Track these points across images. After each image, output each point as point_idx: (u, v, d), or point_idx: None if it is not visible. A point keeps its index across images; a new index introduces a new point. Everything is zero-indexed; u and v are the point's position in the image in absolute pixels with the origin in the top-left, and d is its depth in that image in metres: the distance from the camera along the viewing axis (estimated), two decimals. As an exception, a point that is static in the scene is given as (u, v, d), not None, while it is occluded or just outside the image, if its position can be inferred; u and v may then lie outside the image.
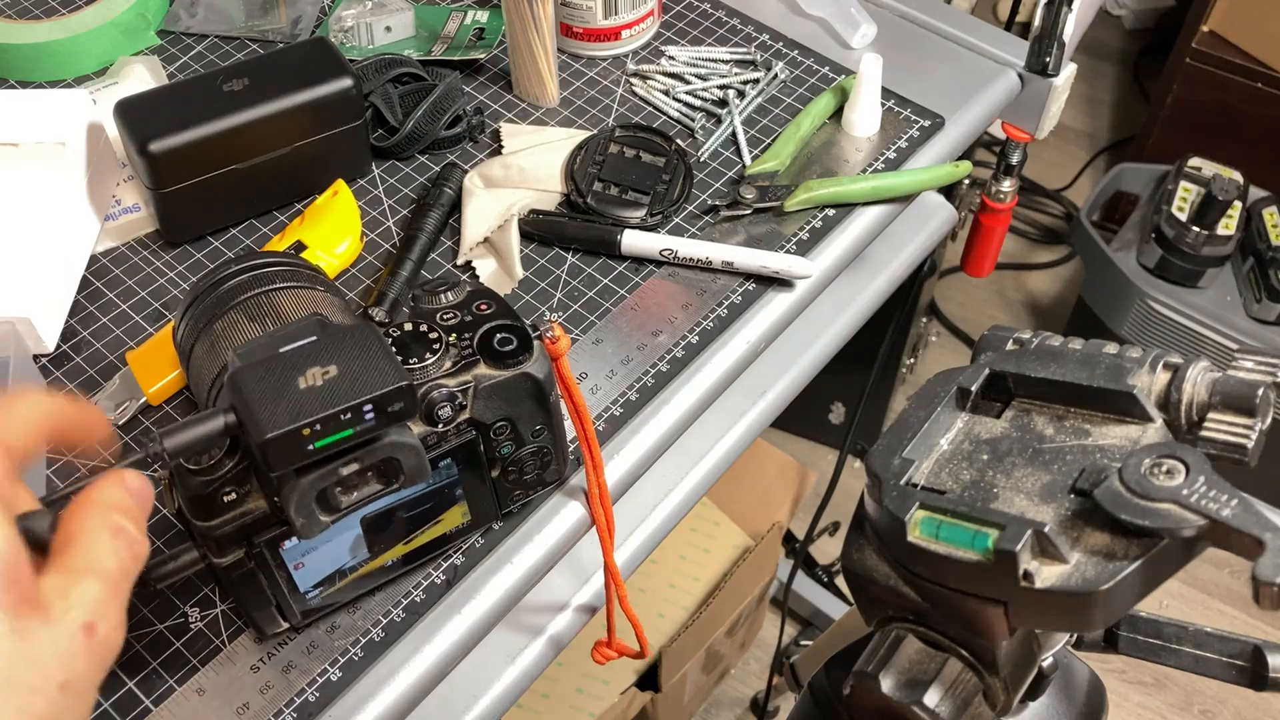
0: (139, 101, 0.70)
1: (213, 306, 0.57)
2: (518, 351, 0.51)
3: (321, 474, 0.44)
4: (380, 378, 0.44)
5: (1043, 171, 2.12)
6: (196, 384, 0.57)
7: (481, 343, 0.51)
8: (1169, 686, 1.55)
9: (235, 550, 0.48)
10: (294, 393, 0.43)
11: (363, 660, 0.55)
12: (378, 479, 0.47)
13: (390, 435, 0.45)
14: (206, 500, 0.46)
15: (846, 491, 1.28)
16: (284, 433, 0.42)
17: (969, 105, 0.81)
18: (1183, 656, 0.50)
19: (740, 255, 0.70)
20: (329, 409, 0.43)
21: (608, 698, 1.21)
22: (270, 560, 0.49)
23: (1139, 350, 0.42)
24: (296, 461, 0.43)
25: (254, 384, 0.43)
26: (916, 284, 1.38)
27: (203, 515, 0.46)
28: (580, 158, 0.75)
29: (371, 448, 0.45)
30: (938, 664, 0.42)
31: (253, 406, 0.42)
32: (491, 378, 0.50)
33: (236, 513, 0.47)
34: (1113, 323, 1.62)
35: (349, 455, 0.45)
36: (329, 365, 0.44)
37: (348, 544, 0.52)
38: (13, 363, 0.61)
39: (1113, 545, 0.37)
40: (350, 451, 0.45)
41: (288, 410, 0.42)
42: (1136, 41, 2.35)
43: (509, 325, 0.52)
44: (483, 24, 0.85)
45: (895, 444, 0.43)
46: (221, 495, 0.46)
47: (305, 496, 0.44)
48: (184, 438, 0.43)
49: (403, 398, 0.44)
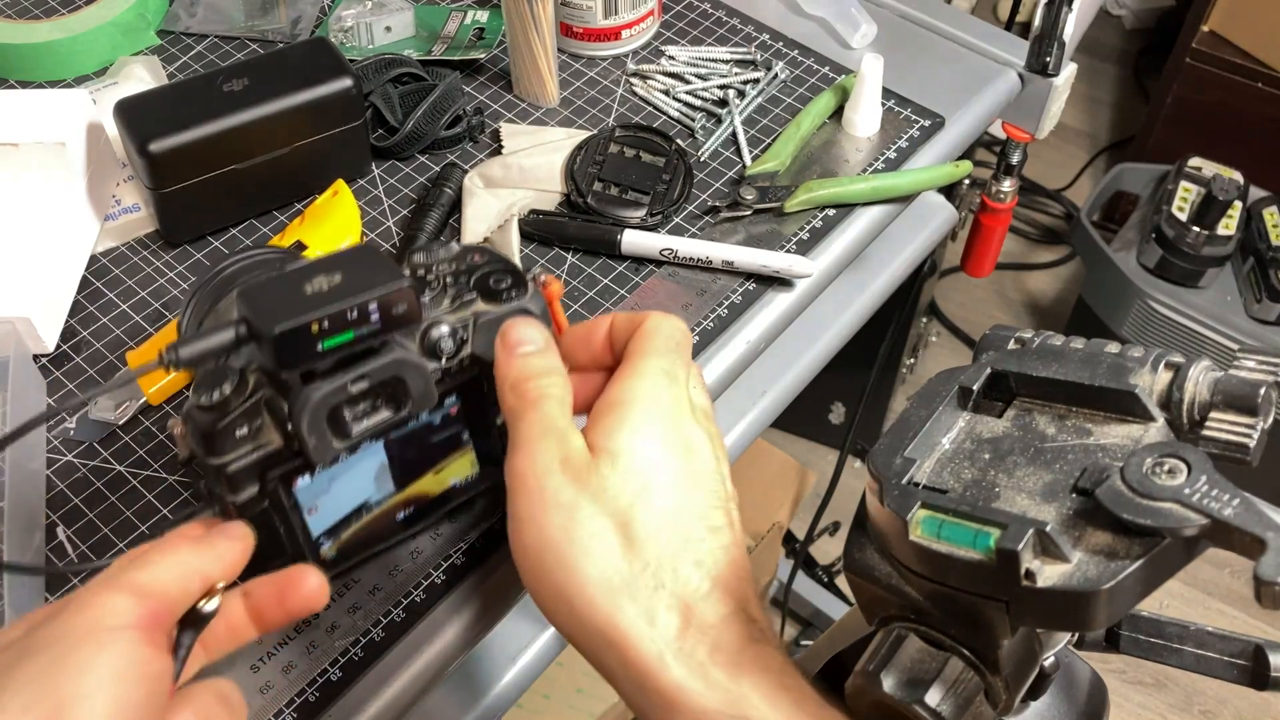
0: (139, 101, 0.70)
1: (215, 291, 0.57)
2: (513, 288, 0.52)
3: (332, 389, 0.45)
4: (384, 279, 0.45)
5: (1043, 171, 2.12)
6: None
7: (478, 282, 0.52)
8: (1169, 687, 1.55)
9: (249, 487, 0.48)
10: (301, 297, 0.44)
11: (363, 660, 0.55)
12: (386, 405, 0.48)
13: (396, 353, 0.47)
14: (219, 436, 0.46)
15: (846, 491, 1.28)
16: (293, 326, 0.43)
17: (969, 105, 0.81)
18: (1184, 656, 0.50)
19: (740, 255, 0.70)
20: (336, 307, 0.44)
21: (608, 698, 1.21)
22: (284, 500, 0.49)
23: (1141, 350, 0.42)
24: (306, 359, 0.44)
25: (262, 293, 0.45)
26: (916, 284, 1.38)
27: (216, 451, 0.47)
28: (580, 158, 0.75)
29: (379, 364, 0.46)
30: (939, 663, 0.42)
31: (261, 309, 0.44)
32: (489, 313, 0.51)
33: (250, 447, 0.47)
34: (1113, 323, 1.62)
35: (357, 371, 0.46)
36: (334, 274, 0.45)
37: (356, 487, 0.52)
38: (13, 363, 0.61)
39: (1114, 544, 0.37)
40: (357, 367, 0.46)
41: (297, 308, 0.44)
42: (1136, 41, 2.35)
43: (503, 267, 0.53)
44: (483, 24, 0.85)
45: (897, 443, 0.43)
46: (234, 430, 0.46)
47: (317, 412, 0.45)
48: (197, 347, 0.44)
49: (405, 299, 0.45)
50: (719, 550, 0.44)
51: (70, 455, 0.63)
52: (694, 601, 0.42)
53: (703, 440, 0.46)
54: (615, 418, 0.45)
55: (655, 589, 0.42)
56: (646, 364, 0.46)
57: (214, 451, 0.47)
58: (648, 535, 0.42)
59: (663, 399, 0.46)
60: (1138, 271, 1.58)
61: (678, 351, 0.48)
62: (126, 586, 0.39)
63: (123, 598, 0.38)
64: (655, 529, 0.43)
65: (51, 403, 0.65)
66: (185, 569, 0.41)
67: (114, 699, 0.36)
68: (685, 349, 0.49)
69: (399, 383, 0.47)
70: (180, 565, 0.41)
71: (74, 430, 0.64)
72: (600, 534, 0.42)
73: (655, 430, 0.45)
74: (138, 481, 0.62)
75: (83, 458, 0.63)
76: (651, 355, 0.47)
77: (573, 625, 0.43)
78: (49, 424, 0.64)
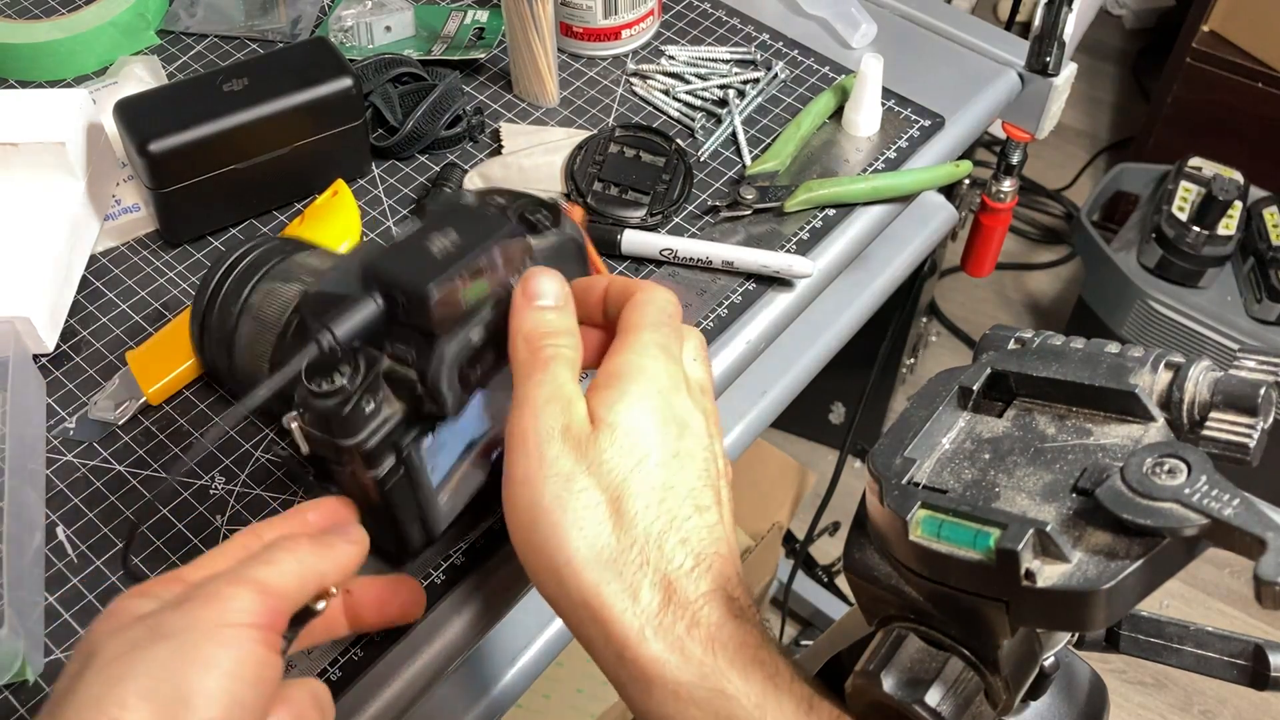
0: (139, 101, 0.70)
1: (238, 286, 0.57)
2: (552, 220, 0.52)
3: (461, 341, 0.46)
4: (497, 227, 0.47)
5: (1043, 171, 2.12)
6: (250, 364, 0.58)
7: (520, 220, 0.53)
8: (1169, 687, 1.55)
9: (388, 459, 0.48)
10: (432, 259, 0.45)
11: (363, 660, 0.55)
12: (491, 348, 0.49)
13: (503, 298, 0.48)
14: (352, 417, 0.46)
15: (846, 491, 1.28)
16: (446, 284, 0.44)
17: (969, 105, 0.81)
18: (1184, 656, 0.50)
19: (740, 255, 0.70)
20: (472, 260, 0.45)
21: (608, 698, 1.21)
22: (416, 463, 0.50)
23: (1141, 349, 0.42)
24: (457, 317, 0.45)
25: (392, 263, 0.45)
26: (916, 284, 1.38)
27: (350, 433, 0.47)
28: (580, 158, 0.75)
29: (490, 309, 0.47)
30: (939, 663, 0.42)
31: (404, 275, 0.44)
32: (542, 247, 0.52)
33: (380, 420, 0.47)
34: (1113, 323, 1.62)
35: (475, 319, 0.47)
36: (448, 232, 0.46)
37: (462, 429, 0.52)
38: (13, 363, 0.61)
39: (1115, 545, 0.37)
40: (475, 316, 0.47)
41: (437, 268, 0.45)
42: (1136, 41, 2.35)
43: (531, 201, 0.53)
44: (483, 24, 0.85)
45: (897, 443, 0.43)
46: (363, 408, 0.46)
47: (452, 367, 0.46)
48: (350, 322, 0.45)
49: (520, 242, 0.47)
50: (704, 529, 0.45)
51: (70, 455, 0.63)
52: (677, 578, 0.43)
53: (696, 418, 0.47)
54: (615, 391, 0.46)
55: (640, 565, 0.43)
56: (643, 337, 0.47)
57: (348, 433, 0.47)
58: (637, 512, 0.43)
59: (659, 375, 0.46)
60: (1138, 271, 1.58)
61: (670, 324, 0.49)
62: (252, 583, 0.40)
63: (248, 595, 0.40)
64: (645, 505, 0.44)
65: (52, 403, 0.65)
66: (306, 570, 0.43)
67: (231, 697, 0.38)
68: (676, 319, 0.50)
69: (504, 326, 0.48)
70: (301, 566, 0.42)
71: (74, 430, 0.64)
72: (593, 506, 0.43)
73: (650, 405, 0.46)
74: (138, 481, 0.62)
75: (83, 458, 0.63)
76: (646, 328, 0.48)
77: (558, 594, 0.44)
78: (49, 424, 0.64)
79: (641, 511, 0.43)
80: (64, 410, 0.65)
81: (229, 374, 0.60)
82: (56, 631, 0.56)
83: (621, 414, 0.45)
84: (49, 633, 0.56)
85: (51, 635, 0.56)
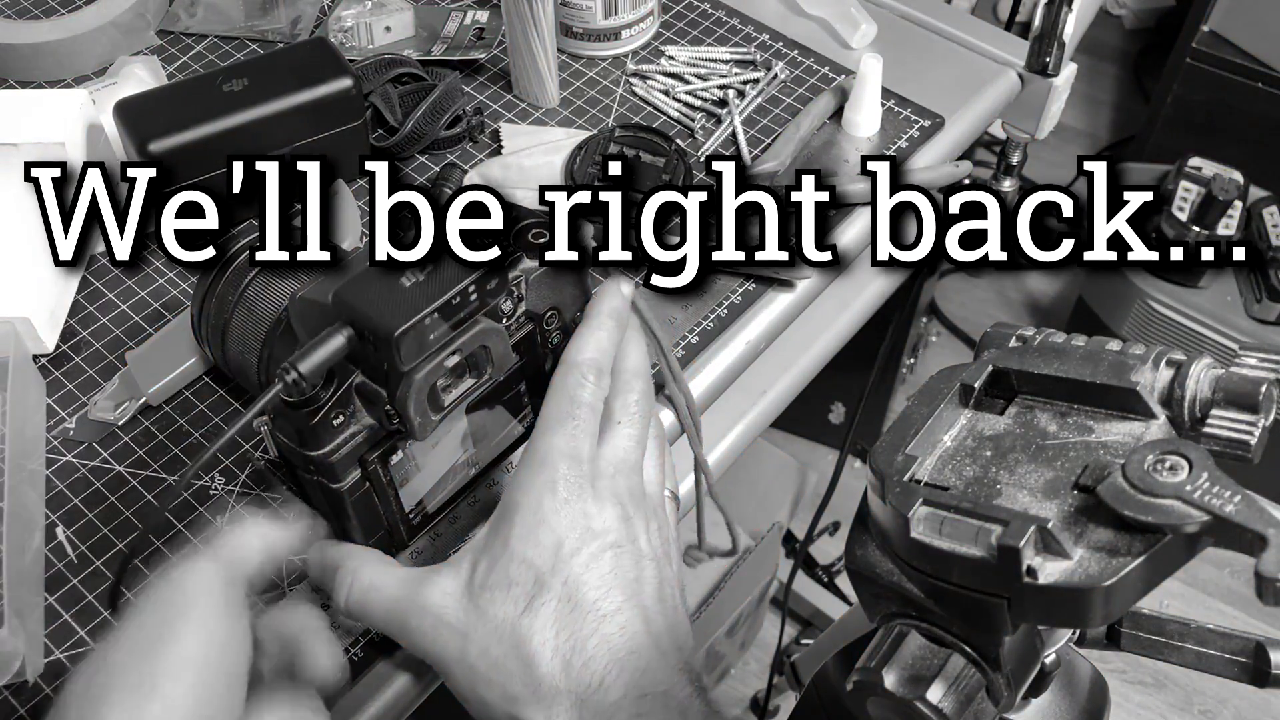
0: (138, 101, 0.70)
1: (234, 280, 0.58)
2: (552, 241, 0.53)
3: (431, 368, 0.46)
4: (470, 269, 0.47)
5: (1043, 171, 2.12)
6: (240, 353, 0.58)
7: (516, 239, 0.53)
8: (1169, 686, 1.55)
9: (352, 472, 0.49)
10: (402, 292, 0.45)
11: (363, 660, 0.55)
12: (470, 373, 0.49)
13: (481, 324, 0.48)
14: (318, 429, 0.47)
15: (846, 491, 1.28)
16: (413, 325, 0.45)
17: (969, 105, 0.81)
18: (1185, 653, 0.50)
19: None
20: (444, 296, 0.46)
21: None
22: (383, 476, 0.50)
23: (1142, 347, 0.42)
24: (424, 351, 0.46)
25: (363, 294, 0.46)
26: (916, 284, 1.38)
27: (318, 444, 0.47)
28: (580, 158, 0.75)
29: (467, 336, 0.47)
30: (941, 660, 0.42)
31: (371, 312, 0.45)
32: (536, 269, 0.52)
33: (348, 434, 0.48)
34: (1113, 322, 1.62)
35: (449, 347, 0.47)
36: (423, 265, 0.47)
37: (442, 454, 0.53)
38: (13, 363, 0.61)
39: (1116, 541, 0.37)
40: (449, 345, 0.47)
41: (407, 306, 0.45)
42: (1136, 41, 2.35)
43: (533, 221, 0.53)
44: (483, 24, 0.85)
45: (898, 441, 0.43)
46: (330, 421, 0.47)
47: (421, 393, 0.47)
48: (315, 360, 0.45)
49: (497, 274, 0.48)
50: (613, 636, 0.46)
51: (70, 455, 0.63)
52: (587, 696, 0.44)
53: (604, 513, 0.48)
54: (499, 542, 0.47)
55: (553, 698, 0.44)
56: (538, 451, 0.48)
57: (314, 445, 0.47)
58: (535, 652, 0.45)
59: (541, 501, 0.47)
60: (1138, 271, 1.58)
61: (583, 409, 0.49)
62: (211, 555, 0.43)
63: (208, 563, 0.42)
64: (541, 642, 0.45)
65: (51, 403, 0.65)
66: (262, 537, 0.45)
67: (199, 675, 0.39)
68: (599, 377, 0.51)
69: (483, 350, 0.49)
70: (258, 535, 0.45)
71: (74, 430, 0.64)
72: (498, 661, 0.45)
73: (535, 539, 0.47)
74: (137, 481, 0.62)
75: (82, 458, 0.63)
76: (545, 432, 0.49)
77: None
78: (49, 424, 0.64)
79: (539, 650, 0.45)
80: (64, 410, 0.65)
81: (222, 361, 0.61)
82: (56, 632, 0.56)
83: (499, 566, 0.47)
84: (49, 633, 0.56)
85: (51, 636, 0.56)
